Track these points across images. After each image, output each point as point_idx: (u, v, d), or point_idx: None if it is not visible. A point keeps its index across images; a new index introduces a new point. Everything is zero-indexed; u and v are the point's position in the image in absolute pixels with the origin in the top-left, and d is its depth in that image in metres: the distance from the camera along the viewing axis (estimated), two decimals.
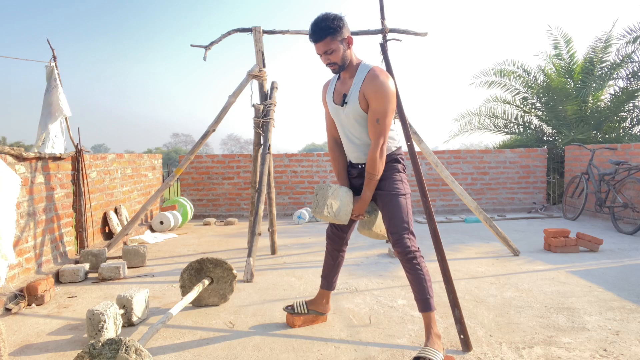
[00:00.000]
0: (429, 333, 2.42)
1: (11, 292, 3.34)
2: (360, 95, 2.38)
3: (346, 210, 2.53)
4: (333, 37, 2.33)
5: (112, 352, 1.91)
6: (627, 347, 2.53)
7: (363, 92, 2.37)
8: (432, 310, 2.42)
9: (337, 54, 2.37)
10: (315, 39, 2.36)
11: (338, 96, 2.53)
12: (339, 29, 2.34)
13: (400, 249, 2.42)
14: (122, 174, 6.10)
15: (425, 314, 2.44)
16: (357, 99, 2.39)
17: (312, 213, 2.56)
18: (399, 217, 2.44)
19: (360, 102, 2.39)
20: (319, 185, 2.56)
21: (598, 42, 9.18)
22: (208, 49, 5.06)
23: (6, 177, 3.05)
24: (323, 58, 2.41)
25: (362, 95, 2.38)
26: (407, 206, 2.48)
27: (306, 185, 8.28)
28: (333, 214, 2.46)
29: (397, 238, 2.42)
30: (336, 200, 2.47)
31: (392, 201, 2.46)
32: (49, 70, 4.64)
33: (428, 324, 2.44)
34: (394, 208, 2.45)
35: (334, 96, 2.56)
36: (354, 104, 2.41)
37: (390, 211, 2.46)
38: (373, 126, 2.37)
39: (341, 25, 2.35)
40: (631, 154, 6.52)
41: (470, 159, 8.36)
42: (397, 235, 2.43)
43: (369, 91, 2.35)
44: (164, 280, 4.06)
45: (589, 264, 4.34)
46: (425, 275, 2.43)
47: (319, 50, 2.39)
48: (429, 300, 2.42)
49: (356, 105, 2.40)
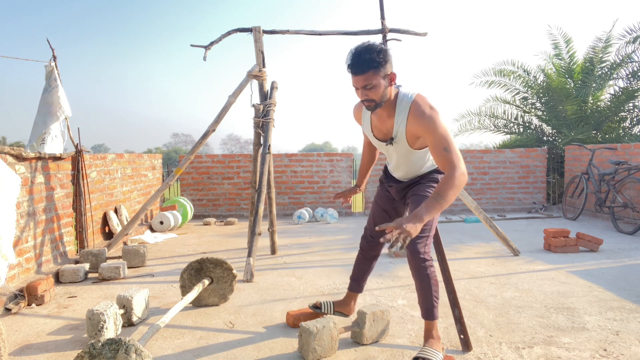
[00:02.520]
0: (429, 336, 2.41)
1: (11, 292, 3.34)
2: (409, 135, 2.24)
3: (331, 345, 2.49)
4: (376, 71, 2.09)
5: (112, 352, 1.91)
6: (627, 347, 2.53)
7: (413, 132, 2.21)
8: (435, 319, 2.38)
9: (377, 90, 2.12)
10: (355, 71, 2.10)
11: (379, 133, 2.38)
12: (383, 63, 2.10)
13: (412, 254, 2.30)
14: (122, 174, 6.10)
15: (428, 322, 2.41)
16: (404, 138, 2.25)
17: (299, 351, 2.51)
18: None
19: (409, 141, 2.26)
20: (301, 326, 2.48)
21: (598, 42, 9.19)
22: (208, 49, 5.06)
23: (6, 177, 3.05)
24: (360, 92, 2.15)
25: (411, 135, 2.23)
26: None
27: (306, 185, 8.28)
28: (318, 355, 2.44)
29: (411, 242, 2.29)
30: (319, 344, 2.44)
31: (419, 202, 2.33)
32: (49, 70, 4.64)
33: (429, 329, 2.42)
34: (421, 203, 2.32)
35: (373, 131, 2.42)
36: (403, 142, 2.28)
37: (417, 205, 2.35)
38: (442, 157, 2.08)
39: (386, 60, 2.11)
40: (631, 154, 6.52)
41: (470, 158, 8.36)
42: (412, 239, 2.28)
43: (421, 129, 2.15)
44: (164, 280, 4.06)
45: (589, 263, 4.34)
46: (433, 285, 2.34)
47: (357, 84, 2.13)
48: (432, 310, 2.36)
49: (404, 143, 2.28)
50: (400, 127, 2.23)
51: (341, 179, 8.31)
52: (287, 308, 3.24)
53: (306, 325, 2.45)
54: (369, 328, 2.61)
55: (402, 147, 2.30)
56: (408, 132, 2.22)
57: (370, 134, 2.44)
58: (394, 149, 2.35)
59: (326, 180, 8.29)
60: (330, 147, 53.27)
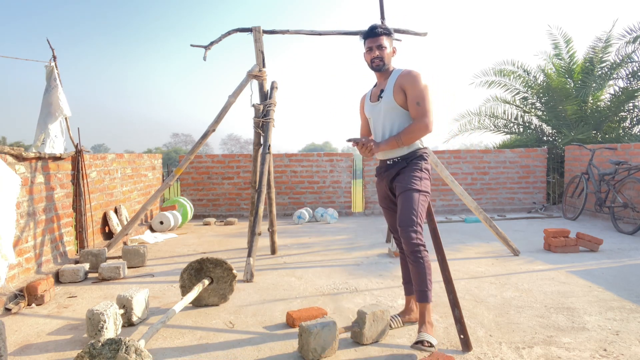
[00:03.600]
0: (423, 321, 2.55)
1: (11, 292, 3.34)
2: (395, 88, 2.64)
3: (331, 345, 2.48)
4: (387, 37, 2.73)
5: (112, 352, 1.91)
6: (627, 347, 2.53)
7: (399, 85, 2.63)
8: (428, 302, 2.55)
9: (385, 52, 2.71)
10: (373, 34, 2.70)
11: (374, 96, 2.80)
12: (392, 34, 2.77)
13: (405, 240, 2.53)
14: (122, 174, 6.10)
15: (422, 304, 2.55)
16: (392, 91, 2.65)
17: (299, 351, 2.51)
18: (407, 211, 2.53)
19: (395, 94, 2.63)
20: (301, 326, 2.48)
21: (598, 42, 9.18)
22: (208, 49, 5.06)
23: (6, 177, 3.05)
24: (371, 53, 2.71)
25: (397, 87, 2.63)
26: (419, 201, 2.56)
27: (306, 185, 8.28)
28: (318, 355, 2.44)
29: (403, 230, 2.52)
30: (319, 343, 2.44)
31: (405, 195, 2.57)
32: (49, 70, 4.64)
33: (422, 312, 2.56)
34: (405, 201, 2.56)
35: (370, 97, 2.85)
36: (389, 95, 2.66)
37: (401, 204, 2.57)
38: (415, 109, 2.58)
39: (393, 35, 2.79)
40: (631, 154, 6.52)
41: (470, 158, 8.36)
42: (403, 228, 2.52)
43: (405, 82, 2.61)
44: (164, 280, 4.06)
45: (589, 263, 4.34)
46: (427, 269, 2.53)
47: (372, 43, 2.70)
48: (426, 293, 2.54)
49: (390, 96, 2.65)
50: (390, 82, 2.69)
51: (341, 179, 8.31)
52: (287, 308, 3.24)
53: (306, 325, 2.46)
54: (369, 328, 2.61)
55: (386, 102, 2.67)
56: (395, 86, 2.65)
57: (368, 101, 2.85)
58: (381, 107, 2.71)
59: (326, 180, 8.29)
60: (330, 147, 53.24)
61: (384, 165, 2.77)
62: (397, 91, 2.63)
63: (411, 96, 2.59)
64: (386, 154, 2.73)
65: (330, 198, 8.28)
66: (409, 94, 2.60)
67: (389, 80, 2.71)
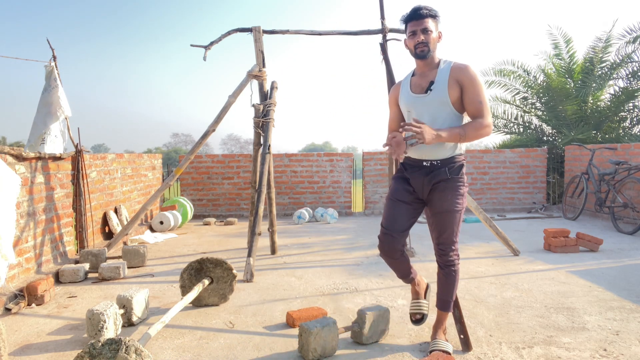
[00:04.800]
0: (440, 327, 2.57)
1: (11, 292, 3.34)
2: (451, 82, 2.37)
3: (331, 345, 2.49)
4: (434, 20, 2.42)
5: (112, 352, 1.91)
6: (627, 347, 2.53)
7: (455, 79, 2.37)
8: (449, 311, 2.57)
9: (431, 36, 2.39)
10: (417, 16, 2.39)
11: (418, 87, 2.47)
12: (439, 17, 2.45)
13: (444, 261, 2.50)
14: (122, 173, 6.10)
15: (443, 312, 2.57)
16: (446, 84, 2.37)
17: (299, 351, 2.51)
18: (450, 232, 2.45)
19: (450, 89, 2.37)
20: (301, 326, 2.48)
21: (598, 42, 9.18)
22: (208, 49, 5.06)
23: (6, 177, 3.05)
24: (415, 37, 2.39)
25: (453, 82, 2.37)
26: (460, 221, 2.47)
27: (306, 185, 8.28)
28: (318, 355, 2.45)
29: (444, 251, 2.48)
30: (319, 343, 2.44)
31: (449, 216, 2.42)
32: (49, 70, 4.63)
33: (442, 320, 2.58)
34: (449, 223, 2.43)
35: (411, 87, 2.50)
36: (442, 88, 2.38)
37: (444, 225, 2.44)
38: (477, 107, 2.35)
39: (439, 17, 2.46)
40: (631, 154, 6.52)
41: (470, 158, 8.35)
42: (445, 248, 2.48)
43: (464, 77, 2.36)
44: (164, 280, 4.06)
45: (589, 263, 4.34)
46: (457, 282, 2.54)
47: (417, 26, 2.38)
48: (450, 303, 2.55)
49: (444, 90, 2.37)
50: (443, 75, 2.39)
51: (341, 179, 8.31)
52: (287, 308, 3.24)
53: (306, 325, 2.46)
54: (369, 328, 2.62)
55: (437, 96, 2.38)
56: (451, 77, 2.37)
57: (408, 92, 2.50)
58: (428, 101, 2.41)
59: (326, 180, 8.29)
60: (330, 147, 53.26)
61: (418, 166, 2.46)
62: (453, 86, 2.37)
63: (472, 93, 2.35)
64: (424, 153, 2.41)
65: (330, 198, 8.28)
66: (468, 91, 2.35)
67: (439, 72, 2.41)
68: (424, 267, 4.27)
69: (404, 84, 2.58)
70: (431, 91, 2.40)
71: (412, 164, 2.50)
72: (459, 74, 2.37)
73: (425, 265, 4.36)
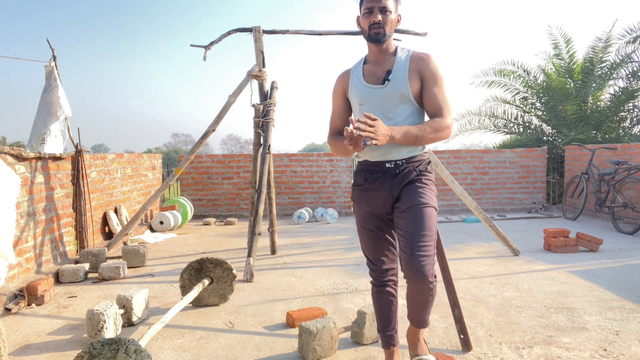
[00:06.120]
0: (418, 340, 2.18)
1: (11, 292, 3.34)
2: (411, 72, 2.06)
3: (331, 345, 2.49)
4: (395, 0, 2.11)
5: (112, 352, 1.91)
6: (627, 347, 2.53)
7: (416, 69, 2.06)
8: (428, 325, 2.13)
9: (389, 18, 2.06)
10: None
11: (372, 77, 2.13)
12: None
13: (418, 275, 1.92)
14: (122, 174, 6.10)
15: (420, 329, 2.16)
16: (406, 75, 2.06)
17: (299, 351, 2.52)
18: (422, 231, 1.95)
19: (411, 80, 2.05)
20: (301, 326, 2.49)
21: (598, 42, 9.18)
22: (208, 49, 5.06)
23: (6, 177, 3.05)
24: (372, 16, 2.05)
25: (414, 72, 2.06)
26: (434, 223, 2.03)
27: (306, 185, 8.28)
28: (318, 355, 2.45)
29: (417, 262, 1.91)
30: (319, 343, 2.44)
31: (420, 213, 1.98)
32: (49, 70, 4.64)
33: (417, 333, 2.17)
34: (418, 219, 1.97)
35: (365, 77, 2.15)
36: (402, 79, 2.06)
37: (414, 226, 1.96)
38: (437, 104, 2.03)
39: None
40: (631, 154, 6.52)
41: (470, 158, 8.36)
42: (417, 257, 1.91)
43: (425, 68, 2.06)
44: (164, 280, 4.06)
45: (589, 263, 4.34)
46: (433, 301, 2.04)
47: (375, 3, 2.04)
48: (427, 320, 2.10)
49: (404, 81, 2.05)
50: (402, 64, 2.09)
51: (341, 179, 8.31)
52: (287, 308, 3.24)
53: (306, 325, 2.46)
54: (369, 328, 2.61)
55: (396, 87, 2.06)
56: (411, 70, 2.07)
57: (361, 83, 2.15)
58: (385, 93, 2.09)
59: (326, 180, 8.29)
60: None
61: (380, 170, 2.09)
62: (413, 77, 2.05)
63: (433, 88, 2.04)
64: (383, 154, 2.07)
65: (330, 198, 8.28)
66: (429, 84, 2.05)
67: (398, 60, 2.09)
68: None
69: (355, 72, 2.21)
70: (389, 82, 2.07)
71: (371, 168, 2.11)
72: (419, 64, 2.07)
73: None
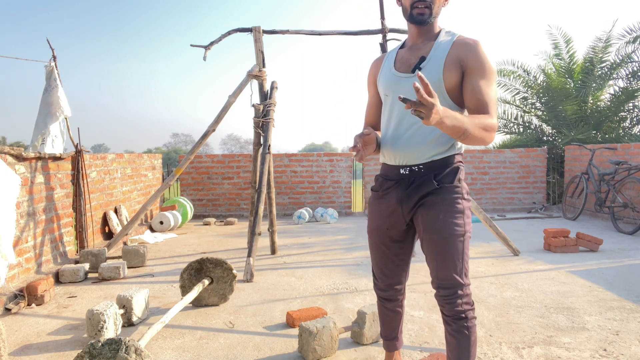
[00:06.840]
0: None
1: (11, 292, 3.34)
2: (449, 60, 1.71)
3: (331, 345, 2.49)
4: None
5: (112, 352, 1.90)
6: (627, 347, 2.53)
7: (457, 57, 1.71)
8: None
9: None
10: None
11: (404, 64, 1.81)
12: None
13: (450, 311, 1.70)
14: (122, 174, 6.10)
15: None
16: (442, 64, 1.71)
17: (299, 351, 2.52)
18: (450, 265, 1.71)
19: (446, 70, 1.71)
20: (301, 326, 2.49)
21: (598, 42, 9.19)
22: (208, 49, 5.06)
23: (6, 177, 3.05)
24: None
25: (453, 61, 1.71)
26: (466, 249, 1.76)
27: (306, 185, 8.28)
28: (318, 355, 2.45)
29: (447, 297, 1.70)
30: (319, 343, 2.45)
31: (445, 243, 1.72)
32: (49, 70, 4.64)
33: None
34: (445, 252, 1.72)
35: (395, 64, 1.85)
36: (436, 68, 1.72)
37: (439, 255, 1.72)
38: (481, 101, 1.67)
39: None
40: (631, 154, 6.52)
41: (470, 159, 8.36)
42: (447, 291, 1.70)
43: (469, 56, 1.70)
44: (164, 280, 4.06)
45: (589, 263, 4.34)
46: (473, 343, 1.72)
47: None
48: None
49: (438, 70, 1.71)
50: (441, 49, 1.75)
51: (341, 179, 8.31)
52: (287, 308, 3.24)
53: (306, 325, 2.46)
54: (369, 328, 2.62)
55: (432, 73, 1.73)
56: (449, 57, 1.72)
57: (390, 70, 1.86)
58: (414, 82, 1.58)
59: (326, 180, 8.29)
60: (330, 147, 53.20)
61: (394, 177, 1.82)
62: (451, 67, 1.71)
63: (478, 79, 1.68)
64: (401, 157, 1.78)
65: (330, 198, 8.28)
66: (473, 76, 1.69)
67: (437, 45, 1.75)
68: (424, 267, 4.26)
69: (388, 58, 1.92)
70: (420, 70, 1.73)
71: (387, 173, 1.86)
72: (463, 51, 1.71)
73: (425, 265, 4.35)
